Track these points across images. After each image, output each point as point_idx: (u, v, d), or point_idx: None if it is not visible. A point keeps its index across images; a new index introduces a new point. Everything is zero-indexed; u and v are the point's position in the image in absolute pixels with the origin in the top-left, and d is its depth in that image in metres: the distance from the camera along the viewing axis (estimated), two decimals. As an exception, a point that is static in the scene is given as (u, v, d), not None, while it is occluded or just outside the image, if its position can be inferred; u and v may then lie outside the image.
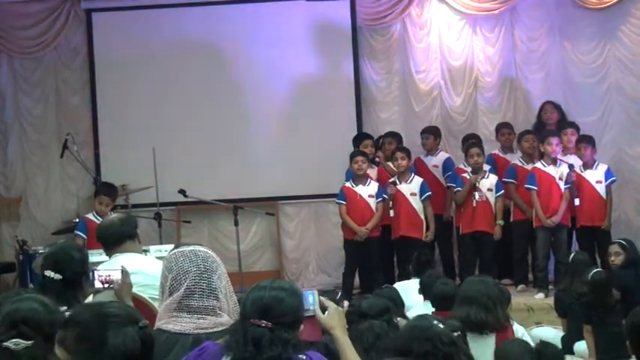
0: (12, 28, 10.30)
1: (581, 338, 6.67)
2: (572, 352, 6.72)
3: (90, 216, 8.15)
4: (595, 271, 6.70)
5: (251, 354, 2.80)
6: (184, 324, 3.25)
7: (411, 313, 5.69)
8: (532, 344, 5.05)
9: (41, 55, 10.32)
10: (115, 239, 4.78)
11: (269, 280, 3.02)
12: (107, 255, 4.83)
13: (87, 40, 10.31)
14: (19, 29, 10.29)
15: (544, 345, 4.59)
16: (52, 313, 2.69)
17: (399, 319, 4.85)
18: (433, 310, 5.60)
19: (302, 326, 2.96)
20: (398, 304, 5.65)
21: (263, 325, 2.83)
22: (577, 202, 8.53)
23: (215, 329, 3.16)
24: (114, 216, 5.13)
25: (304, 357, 2.87)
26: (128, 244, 4.77)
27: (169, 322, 3.28)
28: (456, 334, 3.99)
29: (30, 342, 2.57)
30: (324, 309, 3.22)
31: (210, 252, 3.43)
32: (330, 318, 3.19)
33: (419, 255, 7.39)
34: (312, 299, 3.20)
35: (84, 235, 7.99)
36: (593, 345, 6.42)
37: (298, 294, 2.98)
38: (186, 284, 3.30)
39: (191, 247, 3.42)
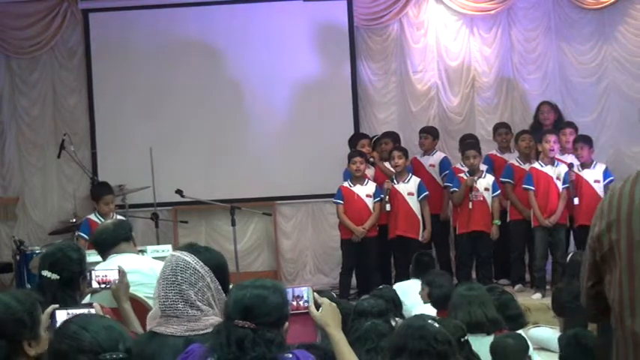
0: (9, 28, 10.28)
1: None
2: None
3: (92, 217, 8.12)
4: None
5: (234, 355, 2.79)
6: (176, 326, 3.23)
7: (411, 314, 5.70)
8: (530, 345, 5.08)
9: (38, 56, 10.30)
10: (110, 242, 4.83)
11: (251, 279, 3.00)
12: (102, 258, 4.84)
13: (84, 40, 10.30)
14: (16, 29, 10.28)
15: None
16: (17, 314, 2.65)
17: (397, 319, 4.86)
18: (418, 307, 5.61)
19: (287, 323, 2.93)
20: (397, 305, 5.66)
21: (246, 325, 2.82)
22: (576, 201, 8.54)
23: (207, 330, 3.15)
24: (108, 222, 5.31)
25: (290, 356, 2.86)
26: (123, 246, 4.79)
27: (161, 325, 3.27)
28: (464, 338, 4.02)
29: None
30: (317, 306, 3.21)
31: (192, 263, 3.27)
32: (323, 315, 3.18)
33: (419, 256, 7.37)
34: (306, 296, 3.19)
35: (86, 236, 7.96)
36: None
37: (282, 291, 2.96)
38: (162, 291, 3.27)
39: (178, 254, 3.34)
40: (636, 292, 2.61)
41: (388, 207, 8.75)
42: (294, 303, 3.19)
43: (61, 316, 3.34)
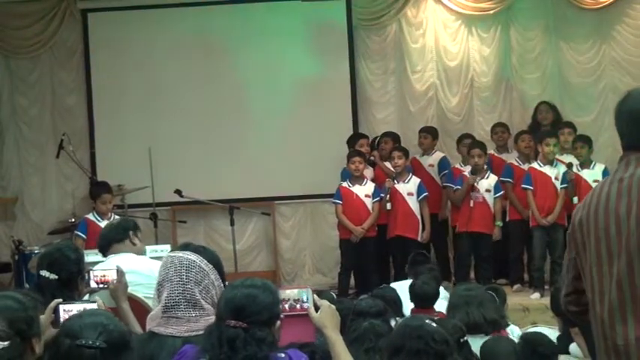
0: (8, 27, 10.29)
1: (577, 338, 6.66)
2: (567, 352, 6.72)
3: (90, 216, 8.17)
4: None
5: (226, 355, 2.81)
6: (175, 327, 3.25)
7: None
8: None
9: (37, 55, 10.30)
10: (103, 244, 4.95)
11: (242, 279, 3.02)
12: (103, 256, 4.91)
13: (83, 40, 10.30)
14: (15, 29, 10.29)
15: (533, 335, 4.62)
16: (28, 311, 2.67)
17: (397, 318, 4.86)
18: (412, 307, 5.60)
19: (279, 322, 2.95)
20: (398, 305, 5.65)
21: (238, 325, 2.83)
22: (576, 200, 8.54)
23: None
24: (108, 224, 5.59)
25: (283, 355, 2.88)
26: (117, 247, 4.88)
27: (160, 325, 3.28)
28: (463, 339, 4.03)
29: (7, 343, 2.55)
30: (316, 308, 3.22)
31: (197, 261, 3.33)
32: (322, 317, 3.19)
33: (414, 256, 7.36)
34: (305, 297, 3.20)
35: (84, 236, 8.01)
36: (585, 345, 6.42)
37: (272, 290, 2.98)
38: (167, 292, 3.29)
39: (180, 254, 3.37)
40: (604, 281, 2.81)
41: (389, 206, 8.75)
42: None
43: (64, 310, 3.42)
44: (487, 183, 8.79)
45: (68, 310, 3.46)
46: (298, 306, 3.22)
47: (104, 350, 2.45)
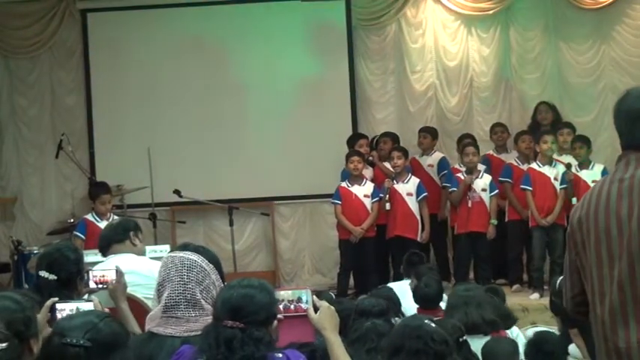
0: (7, 27, 10.29)
1: (576, 339, 6.67)
2: (567, 353, 6.72)
3: (89, 217, 8.19)
4: (561, 278, 6.66)
5: (223, 355, 2.81)
6: (174, 327, 3.25)
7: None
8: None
9: (37, 55, 10.30)
10: (102, 245, 4.98)
11: (238, 279, 3.02)
12: (103, 257, 4.92)
13: (82, 40, 10.30)
14: (14, 29, 10.29)
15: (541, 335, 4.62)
16: (26, 312, 2.67)
17: (396, 318, 4.86)
18: (412, 307, 5.60)
19: (276, 322, 2.96)
20: (397, 304, 5.66)
21: (235, 325, 2.83)
22: (575, 201, 8.53)
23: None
24: (108, 224, 5.69)
25: (281, 355, 2.88)
26: (117, 247, 4.89)
27: (160, 325, 3.28)
28: (462, 338, 4.03)
29: (5, 344, 2.54)
30: (316, 309, 3.22)
31: (199, 261, 3.33)
32: (321, 318, 3.19)
33: (410, 256, 7.35)
34: (305, 298, 3.20)
35: (82, 236, 8.03)
36: (584, 346, 6.42)
37: (269, 290, 2.98)
38: (167, 292, 3.29)
39: (181, 254, 3.36)
40: (604, 282, 2.78)
41: (388, 206, 8.74)
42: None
43: (61, 309, 3.43)
44: (482, 182, 8.80)
45: (61, 309, 3.47)
46: (292, 307, 3.22)
47: (90, 349, 2.44)
